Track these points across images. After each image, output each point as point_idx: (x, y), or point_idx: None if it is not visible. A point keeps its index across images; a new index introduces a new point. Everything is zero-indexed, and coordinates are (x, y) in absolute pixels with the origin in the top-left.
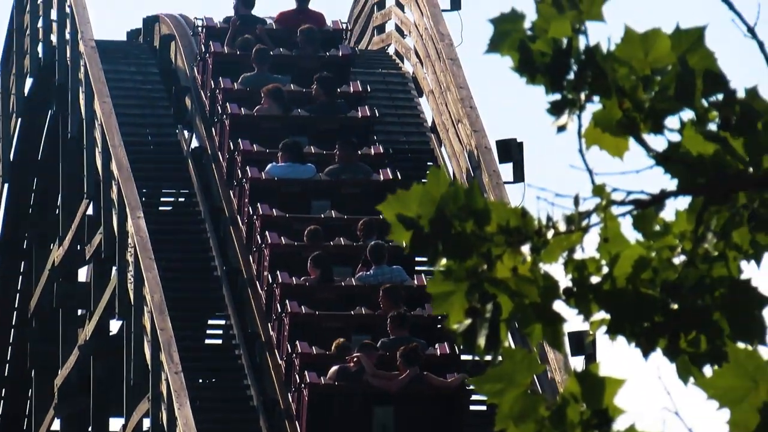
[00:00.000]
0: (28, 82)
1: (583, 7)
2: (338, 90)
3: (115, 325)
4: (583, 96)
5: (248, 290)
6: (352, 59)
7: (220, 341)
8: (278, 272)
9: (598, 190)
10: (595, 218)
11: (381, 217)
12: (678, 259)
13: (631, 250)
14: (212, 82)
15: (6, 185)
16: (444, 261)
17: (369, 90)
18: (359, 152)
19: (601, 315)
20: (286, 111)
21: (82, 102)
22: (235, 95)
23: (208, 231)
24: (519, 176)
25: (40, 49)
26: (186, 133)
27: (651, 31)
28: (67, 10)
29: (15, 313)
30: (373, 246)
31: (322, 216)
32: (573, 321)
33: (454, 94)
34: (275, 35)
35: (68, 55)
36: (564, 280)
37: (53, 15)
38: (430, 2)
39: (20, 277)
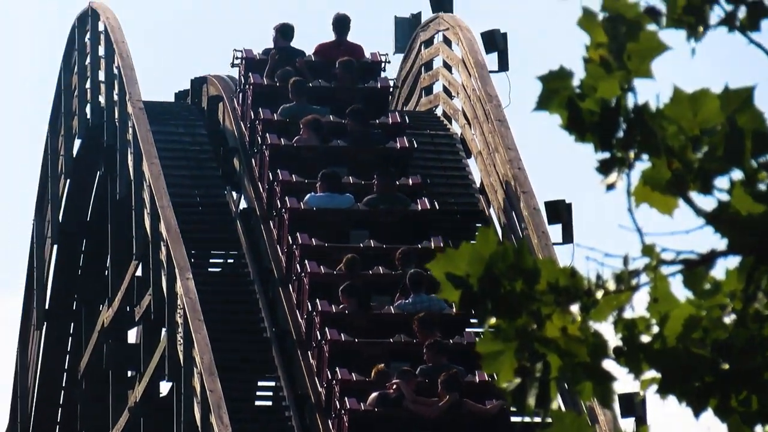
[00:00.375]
0: (77, 143)
1: (631, 66)
2: (376, 121)
3: (164, 387)
4: (632, 154)
5: (298, 351)
6: (390, 90)
7: (269, 403)
8: (317, 300)
9: (648, 250)
10: (644, 278)
11: (419, 246)
12: (728, 319)
13: (681, 309)
14: (252, 112)
15: (55, 246)
16: (493, 320)
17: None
18: (397, 182)
19: (651, 374)
20: (325, 141)
21: (130, 163)
22: (275, 126)
23: (258, 292)
24: (568, 237)
25: (88, 110)
26: (234, 194)
27: (700, 90)
28: (115, 71)
29: (65, 374)
30: (411, 274)
31: (361, 245)
32: (623, 381)
33: (503, 156)
34: (314, 67)
35: (116, 116)
36: (614, 340)
37: (101, 76)
38: (478, 64)
39: (70, 338)
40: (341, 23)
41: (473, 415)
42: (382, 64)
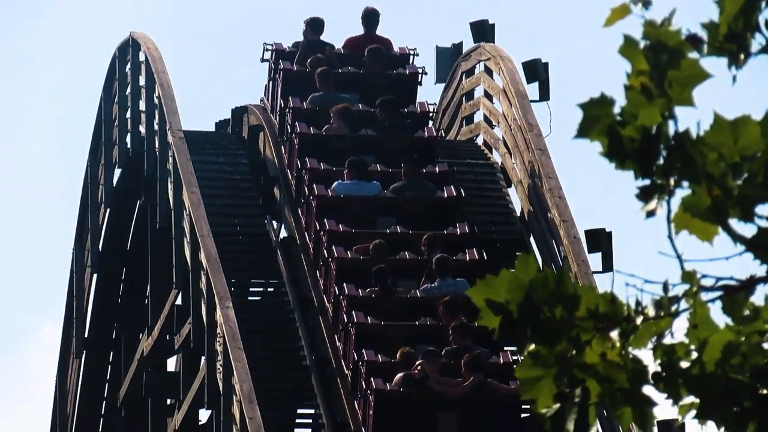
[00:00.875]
0: (117, 172)
1: (672, 94)
2: (404, 109)
3: (204, 415)
4: (672, 181)
5: (337, 379)
6: (419, 77)
7: (309, 430)
8: (344, 284)
9: (688, 276)
10: (684, 304)
11: (444, 232)
12: (767, 344)
13: (720, 335)
14: (282, 101)
15: (95, 275)
16: (533, 346)
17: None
18: (424, 170)
19: (690, 399)
20: (354, 131)
21: (170, 192)
22: (304, 114)
23: (297, 320)
24: (608, 266)
25: (128, 139)
26: (275, 223)
27: (740, 117)
28: (156, 100)
29: (104, 403)
30: (438, 259)
31: (387, 231)
32: (662, 406)
33: (543, 184)
34: (343, 58)
35: (157, 145)
36: (653, 365)
37: (142, 105)
38: (519, 93)
39: (109, 367)
40: (370, 17)
41: (497, 395)
42: (411, 57)
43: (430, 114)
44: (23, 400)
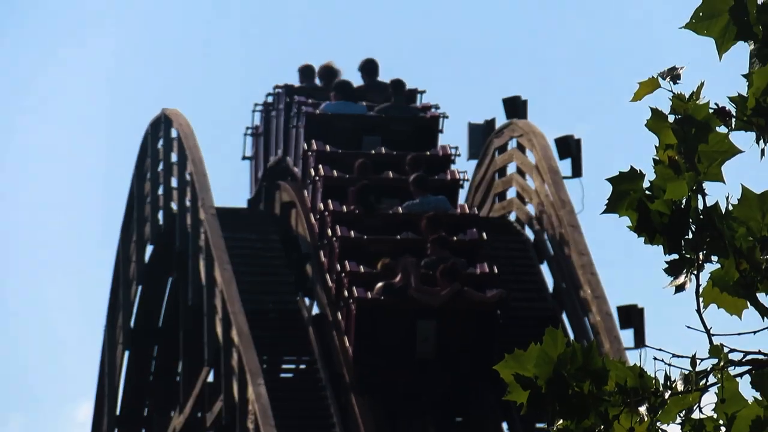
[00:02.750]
0: (149, 249)
1: (701, 168)
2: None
3: None
4: (701, 256)
5: None
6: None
7: None
8: (329, 200)
9: (716, 351)
10: (712, 378)
11: (428, 153)
12: None
13: (748, 410)
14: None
15: (126, 353)
16: (561, 421)
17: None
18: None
19: None
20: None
21: (202, 269)
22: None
23: (329, 398)
24: (640, 342)
25: (160, 215)
26: (307, 300)
27: None
28: (188, 177)
29: None
30: (416, 176)
31: (373, 152)
32: None
33: (576, 261)
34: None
35: (188, 222)
36: None
37: (174, 182)
38: (552, 169)
39: None
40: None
41: (474, 303)
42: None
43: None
44: None
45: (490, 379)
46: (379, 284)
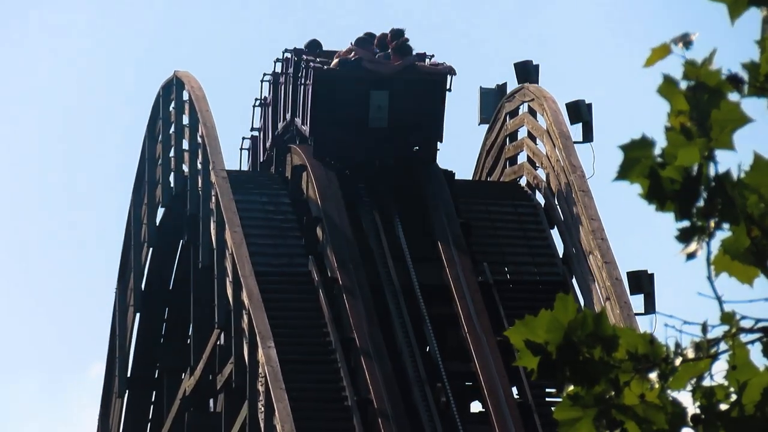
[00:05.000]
0: (160, 211)
1: (713, 135)
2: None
3: None
4: (712, 223)
5: (379, 420)
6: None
7: None
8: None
9: (727, 318)
10: (723, 346)
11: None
12: None
13: (759, 377)
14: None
15: (137, 315)
16: (571, 387)
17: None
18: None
19: None
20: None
21: (213, 231)
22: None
23: (339, 361)
24: (650, 308)
25: (171, 178)
26: (317, 263)
27: None
28: (199, 140)
29: None
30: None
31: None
32: None
33: (586, 226)
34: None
35: (200, 184)
36: (692, 407)
37: (185, 145)
38: (563, 134)
39: (151, 407)
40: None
41: (425, 73)
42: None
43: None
44: None
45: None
46: (335, 59)
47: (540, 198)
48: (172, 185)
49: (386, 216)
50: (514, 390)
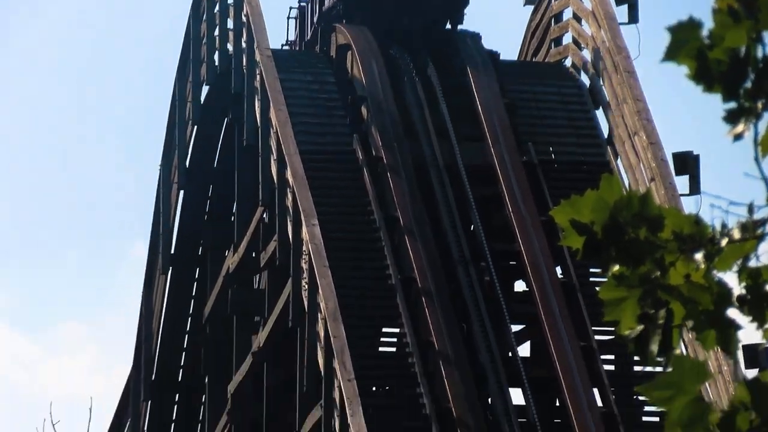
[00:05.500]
0: (204, 90)
1: (761, 17)
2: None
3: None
4: (759, 105)
5: (423, 299)
6: None
7: (394, 349)
8: None
9: None
10: None
11: None
12: None
13: None
14: None
15: (182, 192)
16: (617, 267)
17: None
18: None
19: None
20: None
21: (257, 110)
22: None
23: (383, 239)
24: (695, 189)
25: (216, 57)
26: (361, 142)
27: None
28: (244, 19)
29: (189, 319)
30: None
31: None
32: (747, 329)
33: (631, 107)
34: None
35: (244, 63)
36: (737, 288)
37: (230, 24)
38: (608, 15)
39: (195, 283)
40: None
41: None
42: None
43: None
44: (113, 315)
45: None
46: None
47: (585, 79)
48: (216, 64)
49: (431, 96)
50: (558, 270)
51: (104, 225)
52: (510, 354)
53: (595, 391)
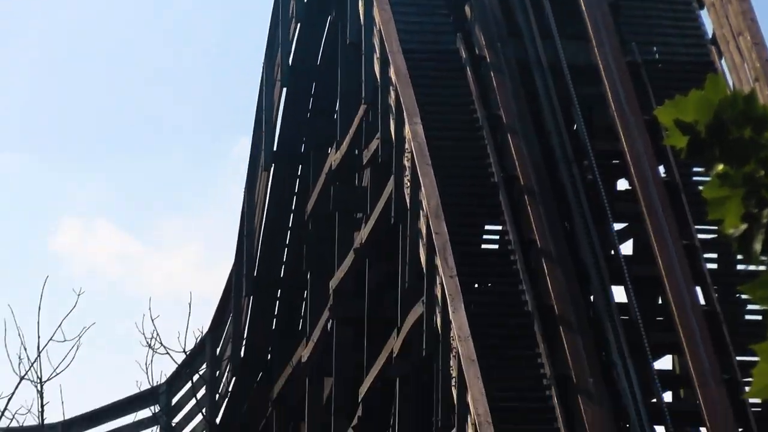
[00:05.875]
0: None
1: None
2: None
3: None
4: None
5: (525, 196)
6: None
7: (496, 246)
8: None
9: None
10: None
11: None
12: None
13: None
14: None
15: (284, 90)
16: (721, 166)
17: None
18: None
19: None
20: None
21: (361, 8)
22: None
23: (486, 137)
24: None
25: None
26: (464, 41)
27: None
28: None
29: (292, 215)
30: None
31: None
32: None
33: (735, 7)
34: None
35: None
36: None
37: None
38: None
39: (297, 180)
40: None
41: None
42: None
43: None
44: (217, 212)
45: None
46: None
47: None
48: None
49: None
50: (661, 169)
51: (207, 122)
52: (612, 252)
53: (698, 289)
